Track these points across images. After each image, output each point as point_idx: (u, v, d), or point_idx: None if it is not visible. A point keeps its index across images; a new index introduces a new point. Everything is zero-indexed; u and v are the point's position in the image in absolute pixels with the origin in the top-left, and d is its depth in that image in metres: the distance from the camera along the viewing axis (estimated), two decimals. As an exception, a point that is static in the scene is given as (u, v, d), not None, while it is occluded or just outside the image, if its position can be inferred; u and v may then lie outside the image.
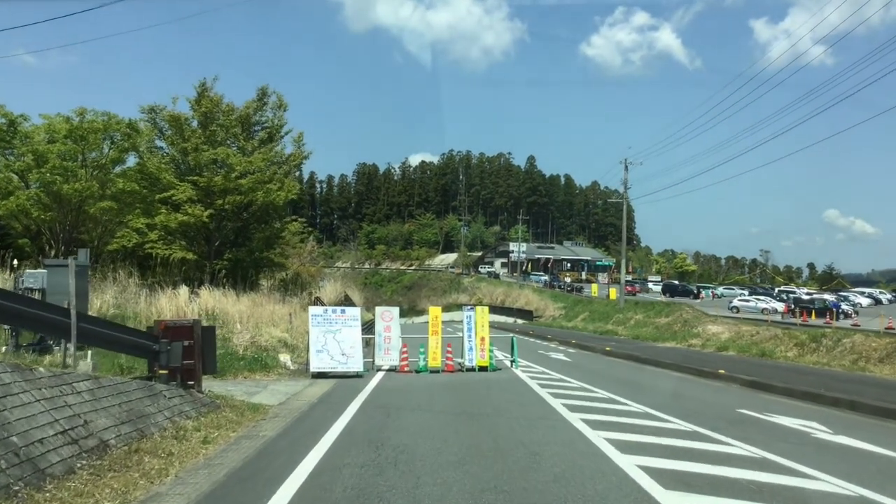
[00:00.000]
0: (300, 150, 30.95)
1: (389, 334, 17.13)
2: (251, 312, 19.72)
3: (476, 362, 17.23)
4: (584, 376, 16.33)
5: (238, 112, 28.83)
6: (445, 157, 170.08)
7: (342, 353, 15.49)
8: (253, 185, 26.86)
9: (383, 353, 17.04)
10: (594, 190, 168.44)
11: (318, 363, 15.33)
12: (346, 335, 15.67)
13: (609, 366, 20.47)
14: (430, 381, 15.07)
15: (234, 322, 18.20)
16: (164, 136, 28.69)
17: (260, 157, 27.50)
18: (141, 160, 27.86)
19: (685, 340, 26.32)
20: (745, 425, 10.06)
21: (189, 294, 19.13)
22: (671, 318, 33.83)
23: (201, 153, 26.34)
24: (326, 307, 16.09)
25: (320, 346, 15.43)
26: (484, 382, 14.91)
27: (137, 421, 8.02)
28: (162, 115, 27.66)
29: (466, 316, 17.73)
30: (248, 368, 15.16)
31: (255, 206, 28.42)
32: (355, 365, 15.58)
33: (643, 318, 38.12)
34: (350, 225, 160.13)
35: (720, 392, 14.45)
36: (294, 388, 13.47)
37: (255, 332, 17.96)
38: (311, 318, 15.62)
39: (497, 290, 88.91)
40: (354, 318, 15.98)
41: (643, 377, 17.24)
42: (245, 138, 28.89)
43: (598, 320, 45.64)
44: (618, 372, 18.68)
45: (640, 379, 16.79)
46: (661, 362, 19.83)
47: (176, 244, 26.62)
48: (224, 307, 19.10)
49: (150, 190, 27.22)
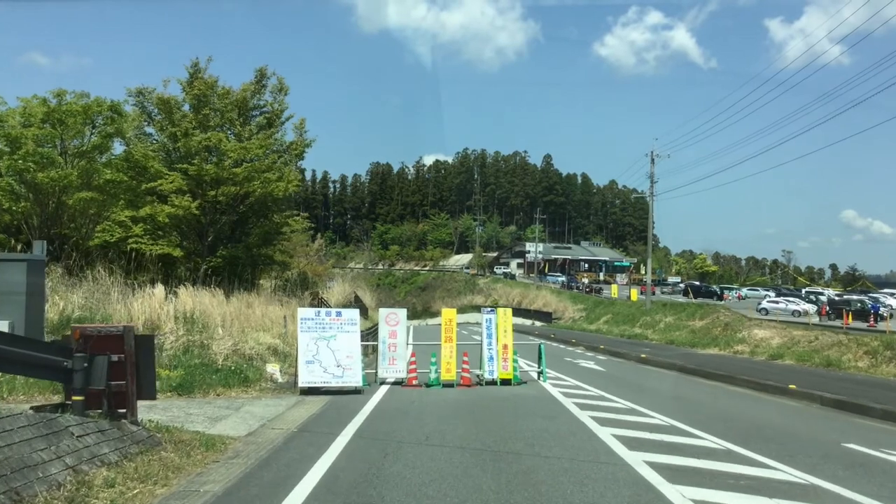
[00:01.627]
0: (302, 138, 28.45)
1: (395, 341, 14.53)
2: (238, 315, 17.20)
3: (497, 374, 14.59)
4: (626, 392, 13.64)
5: (234, 95, 26.37)
6: (460, 156, 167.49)
7: (337, 363, 12.90)
8: (249, 175, 24.38)
9: (388, 364, 14.45)
10: (612, 189, 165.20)
11: (308, 376, 12.75)
12: (343, 342, 13.08)
13: (649, 377, 17.75)
14: (442, 400, 12.44)
15: (216, 326, 15.67)
16: (154, 121, 26.33)
17: (256, 144, 25.01)
18: (127, 148, 25.48)
19: (729, 346, 23.49)
20: (868, 470, 7.36)
21: (166, 293, 16.61)
22: (707, 321, 30.96)
23: (191, 138, 23.88)
24: (319, 309, 13.53)
25: (311, 355, 12.85)
26: (509, 402, 12.25)
27: (12, 477, 5.45)
28: (150, 98, 25.29)
29: (486, 319, 15.08)
30: (224, 383, 12.60)
31: (252, 199, 25.94)
32: (353, 378, 12.99)
33: (674, 320, 35.25)
34: (363, 225, 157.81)
35: (803, 416, 11.70)
36: (274, 410, 10.89)
37: (239, 339, 15.42)
38: (300, 323, 13.04)
39: (513, 291, 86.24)
40: (352, 321, 13.40)
41: (698, 393, 14.50)
42: (242, 124, 26.43)
43: (622, 323, 42.78)
44: (663, 385, 15.95)
45: (694, 396, 14.05)
46: (711, 373, 17.08)
47: (164, 239, 24.18)
48: (206, 309, 16.58)
49: (138, 180, 24.81)
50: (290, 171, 26.48)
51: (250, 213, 27.46)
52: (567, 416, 10.49)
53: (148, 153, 24.65)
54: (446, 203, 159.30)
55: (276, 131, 27.09)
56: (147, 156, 24.46)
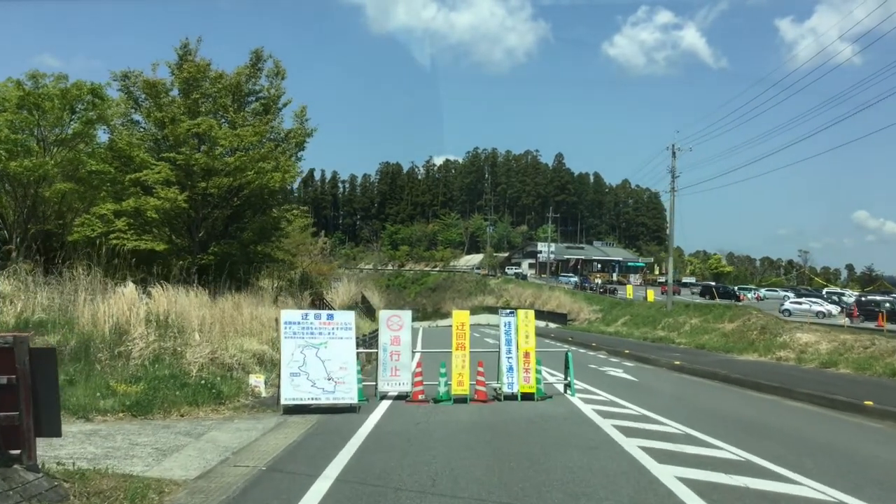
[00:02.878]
0: (303, 126, 26.39)
1: (398, 348, 12.41)
2: (221, 318, 15.13)
3: (518, 387, 12.44)
4: (671, 410, 11.46)
5: (227, 80, 24.30)
6: (470, 155, 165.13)
7: (328, 376, 10.79)
8: (242, 164, 22.36)
9: (389, 375, 12.34)
10: (624, 188, 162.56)
11: (293, 392, 10.65)
12: (335, 350, 10.97)
13: (691, 390, 15.54)
14: (453, 421, 10.32)
15: (193, 331, 13.61)
16: (141, 108, 24.31)
17: (251, 131, 22.94)
18: (112, 135, 23.53)
19: (770, 352, 21.20)
20: None
21: (139, 293, 14.57)
22: (737, 323, 28.65)
23: (179, 125, 21.86)
24: (307, 311, 11.43)
25: (296, 366, 10.75)
26: (535, 424, 10.09)
27: None
28: (136, 82, 23.29)
29: (504, 323, 12.92)
30: (191, 400, 10.53)
31: (246, 191, 23.90)
32: (347, 394, 10.88)
33: (700, 322, 32.94)
34: (373, 225, 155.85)
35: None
36: (245, 436, 8.80)
37: (219, 345, 13.36)
38: (283, 328, 10.95)
39: (526, 291, 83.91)
40: (346, 325, 11.29)
41: (758, 412, 12.25)
42: (236, 110, 24.37)
43: (643, 325, 40.49)
44: (712, 400, 13.71)
45: (756, 416, 11.78)
46: (763, 385, 14.86)
47: (149, 235, 22.19)
48: (184, 311, 14.51)
49: (123, 171, 22.83)
50: (288, 160, 24.36)
51: (245, 207, 25.46)
52: (611, 447, 8.33)
53: (133, 141, 22.67)
54: (457, 203, 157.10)
55: (272, 118, 25.03)
56: (131, 144, 22.48)
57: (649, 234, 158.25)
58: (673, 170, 42.03)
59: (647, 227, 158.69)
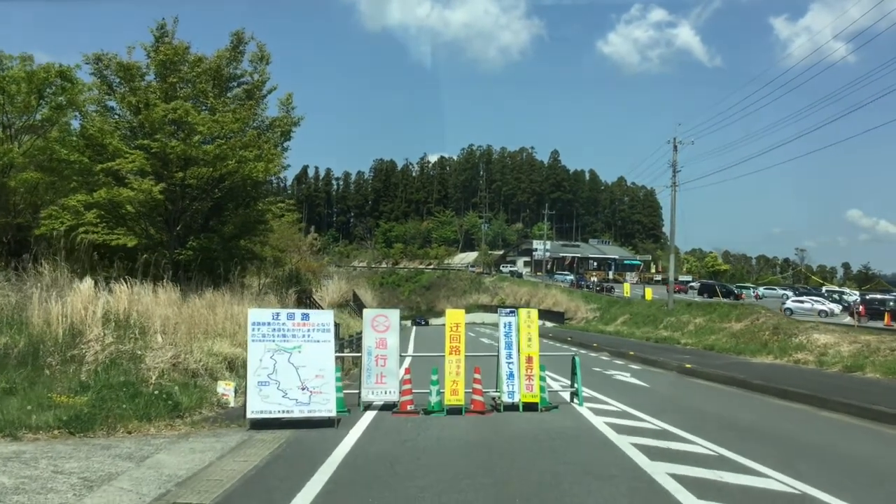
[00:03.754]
0: (289, 115, 24.87)
1: (384, 352, 10.99)
2: (191, 317, 13.67)
3: (520, 396, 11.02)
4: (695, 423, 10.06)
5: (207, 63, 22.76)
6: (465, 152, 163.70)
7: (302, 385, 9.36)
8: (221, 152, 20.84)
9: (374, 382, 10.92)
10: (620, 186, 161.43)
11: (260, 403, 9.21)
12: (311, 355, 9.54)
13: (710, 397, 14.12)
14: (446, 439, 8.90)
15: (155, 332, 12.15)
16: (116, 93, 22.76)
17: (231, 118, 21.40)
18: (83, 122, 21.99)
19: (786, 354, 19.81)
20: None
21: (96, 289, 13.09)
22: (745, 323, 27.30)
23: (153, 110, 20.34)
24: (279, 310, 9.99)
25: (265, 374, 9.31)
26: (541, 444, 8.65)
27: None
28: (109, 64, 21.73)
29: (504, 324, 11.48)
30: (142, 414, 9.08)
31: (228, 182, 22.39)
32: (324, 405, 9.44)
33: (704, 322, 31.58)
34: (367, 223, 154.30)
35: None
36: (198, 460, 7.37)
37: (183, 348, 11.90)
38: (250, 329, 9.50)
39: (521, 289, 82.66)
40: (324, 326, 9.84)
41: (792, 424, 10.83)
42: (216, 96, 22.83)
43: (643, 324, 39.16)
44: (736, 410, 12.29)
45: (792, 431, 10.34)
46: (788, 391, 13.46)
47: (121, 229, 20.66)
48: (147, 309, 13.04)
49: (97, 160, 21.29)
50: (272, 148, 22.84)
51: (227, 199, 23.90)
52: (635, 476, 6.92)
53: (105, 128, 21.10)
54: (451, 200, 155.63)
55: (255, 104, 23.50)
56: (103, 131, 20.90)
57: (645, 231, 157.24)
58: (674, 164, 40.68)
59: (642, 224, 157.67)
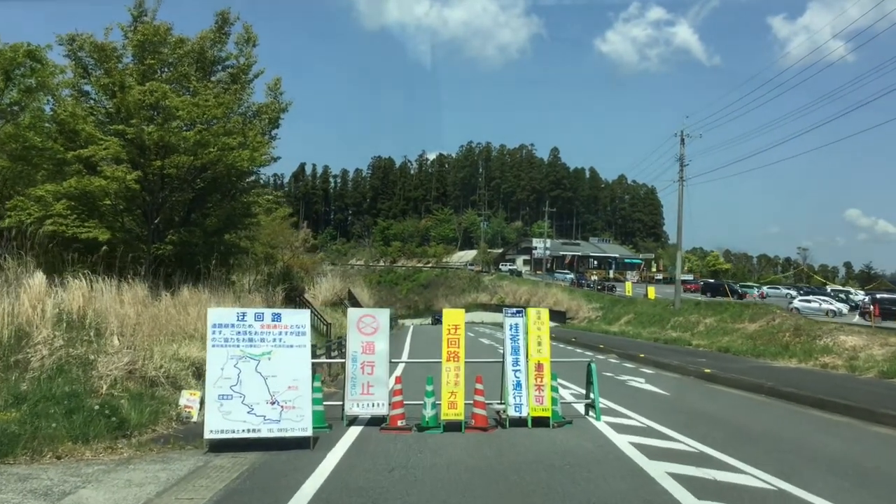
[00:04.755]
0: (277, 101, 23.36)
1: (372, 358, 9.50)
2: (155, 318, 12.17)
3: (529, 410, 9.53)
4: (737, 443, 8.58)
5: (189, 45, 21.27)
6: (464, 150, 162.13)
7: (271, 399, 7.87)
8: (203, 139, 19.32)
9: (360, 393, 9.42)
10: (621, 184, 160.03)
11: (221, 421, 7.72)
12: (283, 363, 8.05)
13: (740, 407, 12.58)
14: (444, 465, 7.40)
15: (112, 335, 10.65)
16: (91, 77, 21.25)
17: (214, 102, 19.88)
18: (55, 107, 20.47)
19: (811, 358, 18.35)
20: None
21: (52, 285, 11.61)
22: (760, 323, 25.85)
23: (128, 93, 18.82)
24: (245, 310, 8.49)
25: (227, 385, 7.82)
26: (561, 473, 7.11)
27: None
28: (83, 45, 20.21)
29: (510, 325, 9.97)
30: (79, 433, 7.59)
31: (210, 172, 20.87)
32: (297, 423, 7.95)
33: (715, 322, 30.12)
34: (364, 221, 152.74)
35: None
36: (132, 497, 5.87)
37: (143, 353, 10.39)
38: (211, 332, 8.01)
39: (521, 288, 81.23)
40: (299, 329, 8.34)
41: (847, 444, 9.28)
42: (199, 79, 21.31)
43: (649, 324, 37.69)
44: (777, 426, 10.72)
45: (853, 454, 8.81)
46: (825, 401, 11.96)
47: (93, 221, 19.13)
48: (104, 308, 11.54)
49: (70, 147, 19.79)
50: (258, 136, 21.30)
51: (210, 190, 22.40)
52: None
53: (77, 112, 19.60)
54: (450, 198, 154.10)
55: (241, 89, 21.99)
56: (76, 115, 19.39)
57: (646, 230, 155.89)
58: (682, 157, 39.19)
59: (643, 223, 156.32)
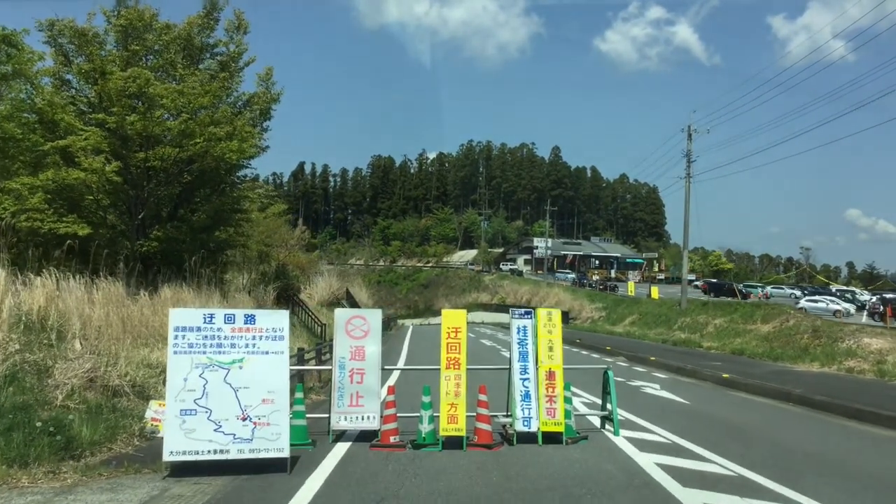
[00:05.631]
0: (268, 91, 22.29)
1: (362, 364, 8.40)
2: (124, 319, 11.07)
3: (539, 424, 8.43)
4: (785, 466, 7.49)
5: (176, 31, 20.22)
6: (464, 148, 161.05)
7: (243, 414, 6.78)
8: (188, 129, 18.25)
9: (348, 404, 8.33)
10: (622, 183, 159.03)
11: (184, 441, 6.61)
12: (257, 372, 6.96)
13: (771, 418, 11.45)
14: (442, 493, 6.29)
15: (73, 338, 9.56)
16: (73, 65, 20.18)
17: (201, 90, 18.82)
18: (32, 95, 19.39)
19: (834, 361, 17.25)
20: None
21: (13, 283, 10.53)
22: (773, 324, 24.74)
23: (109, 79, 17.75)
24: (213, 311, 7.38)
25: (191, 399, 6.73)
26: (575, 502, 6.06)
27: None
28: (63, 29, 19.14)
29: (518, 328, 8.87)
30: (16, 455, 6.49)
31: (197, 165, 19.79)
32: (272, 441, 6.85)
33: (725, 323, 29.02)
34: (364, 220, 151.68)
35: None
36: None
37: (106, 359, 9.29)
38: (172, 336, 6.91)
39: (522, 288, 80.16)
40: (277, 333, 7.23)
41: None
42: (185, 66, 20.25)
43: (655, 325, 36.59)
44: (820, 442, 9.60)
45: None
46: (864, 412, 10.85)
47: (71, 216, 18.06)
48: (70, 309, 10.44)
49: (50, 138, 18.71)
50: (246, 125, 20.20)
51: (198, 184, 21.32)
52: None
53: (56, 101, 18.53)
54: (450, 197, 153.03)
55: (229, 77, 20.91)
56: (54, 104, 18.33)
57: (647, 229, 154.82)
58: (689, 153, 38.12)
59: (645, 222, 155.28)
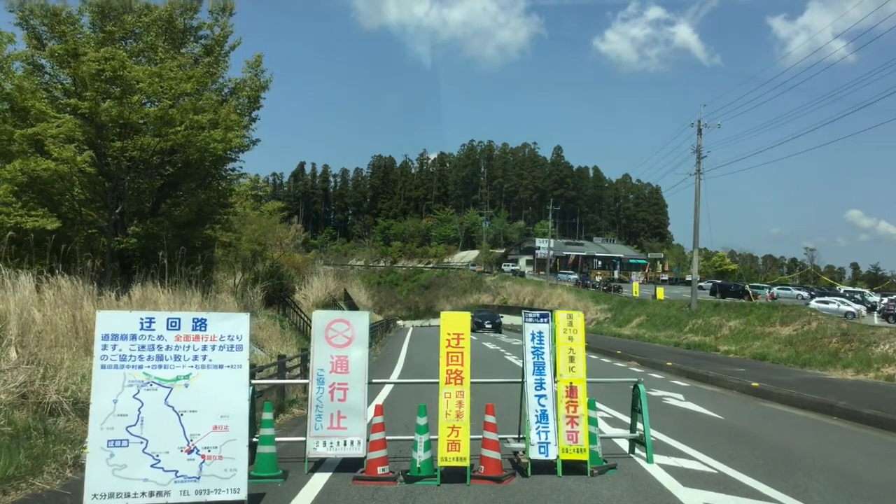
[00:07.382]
0: (257, 78, 20.91)
1: (344, 378, 6.96)
2: (73, 323, 9.65)
3: (559, 451, 6.98)
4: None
5: (157, 12, 18.86)
6: (466, 148, 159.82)
7: (188, 446, 5.35)
8: (168, 116, 16.85)
9: (328, 427, 6.88)
10: (625, 183, 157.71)
11: (111, 480, 5.18)
12: (207, 392, 5.53)
13: (821, 438, 10.01)
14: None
15: (9, 345, 8.14)
16: (46, 48, 18.78)
17: (182, 74, 17.43)
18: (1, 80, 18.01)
19: (871, 368, 15.82)
20: None
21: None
22: (794, 327, 23.31)
23: (81, 61, 16.35)
24: (151, 314, 5.96)
25: (122, 425, 5.30)
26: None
27: None
28: (32, 7, 17.78)
29: (532, 334, 7.41)
30: None
31: (180, 155, 18.39)
32: (225, 480, 5.42)
33: (740, 325, 27.57)
34: (365, 221, 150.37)
35: None
36: None
37: (43, 370, 7.86)
38: (99, 347, 5.49)
39: (524, 289, 78.70)
40: (235, 342, 5.80)
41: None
42: (166, 50, 18.86)
43: (664, 327, 35.14)
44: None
45: None
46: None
47: (40, 210, 16.69)
48: (7, 311, 9.03)
49: (21, 127, 17.34)
50: (232, 112, 18.80)
51: (181, 177, 19.91)
52: None
53: (25, 85, 17.13)
54: (451, 198, 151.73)
55: (214, 61, 19.53)
56: (23, 89, 16.93)
57: (650, 230, 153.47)
58: (699, 149, 36.64)
59: (648, 223, 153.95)
